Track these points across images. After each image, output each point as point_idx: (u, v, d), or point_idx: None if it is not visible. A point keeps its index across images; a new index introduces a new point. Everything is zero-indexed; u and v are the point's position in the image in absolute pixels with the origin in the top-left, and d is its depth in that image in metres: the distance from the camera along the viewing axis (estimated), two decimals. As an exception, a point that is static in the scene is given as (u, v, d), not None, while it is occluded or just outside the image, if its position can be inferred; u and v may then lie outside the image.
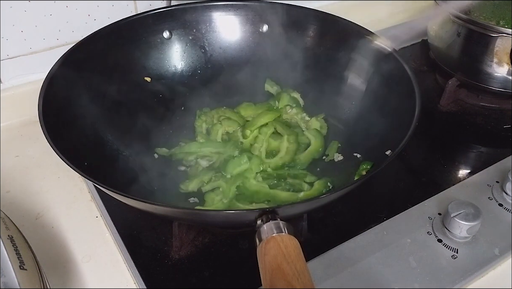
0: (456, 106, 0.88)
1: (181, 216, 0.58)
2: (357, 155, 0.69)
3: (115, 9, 0.85)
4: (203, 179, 0.68)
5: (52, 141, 0.54)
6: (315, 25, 0.79)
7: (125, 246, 0.61)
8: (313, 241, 0.62)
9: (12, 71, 0.82)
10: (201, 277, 0.58)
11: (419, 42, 1.02)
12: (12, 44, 0.80)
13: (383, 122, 0.67)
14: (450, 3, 0.84)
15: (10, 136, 0.79)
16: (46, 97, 0.60)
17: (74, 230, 0.64)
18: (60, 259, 0.61)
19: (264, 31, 0.82)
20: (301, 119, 0.77)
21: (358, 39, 0.74)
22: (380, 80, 0.71)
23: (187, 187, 0.67)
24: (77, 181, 0.71)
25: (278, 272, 0.42)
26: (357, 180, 0.54)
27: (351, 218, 0.66)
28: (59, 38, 0.83)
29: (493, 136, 0.83)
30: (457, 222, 0.60)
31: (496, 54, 0.79)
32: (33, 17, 0.79)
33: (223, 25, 0.81)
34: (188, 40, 0.80)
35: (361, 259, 0.59)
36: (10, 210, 0.56)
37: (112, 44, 0.74)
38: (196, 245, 0.62)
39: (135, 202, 0.53)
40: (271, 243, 0.44)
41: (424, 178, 0.74)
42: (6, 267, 0.42)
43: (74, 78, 0.67)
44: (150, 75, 0.78)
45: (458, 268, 0.59)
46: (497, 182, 0.70)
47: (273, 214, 0.47)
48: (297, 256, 0.43)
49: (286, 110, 0.77)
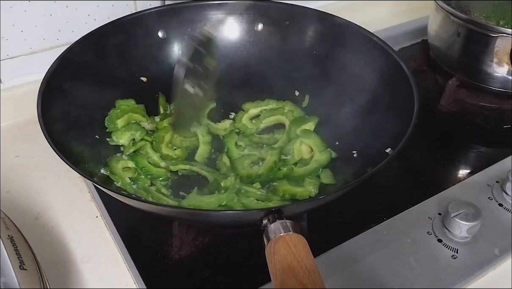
0: (456, 106, 0.88)
1: (184, 216, 0.58)
2: (354, 154, 0.69)
3: (115, 9, 0.85)
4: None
5: (52, 142, 0.54)
6: (314, 25, 0.79)
7: (125, 246, 0.61)
8: (313, 241, 0.61)
9: (12, 71, 0.82)
10: (201, 277, 0.58)
11: (419, 42, 1.02)
12: (12, 44, 0.80)
13: (382, 120, 0.67)
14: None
15: (10, 136, 0.79)
16: (45, 97, 0.60)
17: (74, 230, 0.64)
18: (60, 259, 0.61)
19: (259, 30, 0.82)
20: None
21: (357, 39, 0.74)
22: (378, 79, 0.71)
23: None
24: (77, 181, 0.71)
25: (288, 271, 0.42)
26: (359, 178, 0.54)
27: (351, 218, 0.67)
28: (59, 38, 0.83)
29: (493, 136, 0.83)
30: (457, 222, 0.60)
31: (496, 54, 0.79)
32: (33, 17, 0.79)
33: (218, 24, 0.81)
34: (184, 39, 0.80)
35: (361, 259, 0.59)
36: (10, 210, 0.56)
37: (108, 44, 0.74)
38: (196, 245, 0.62)
39: (135, 202, 0.53)
40: (280, 243, 0.45)
41: (424, 178, 0.74)
42: (6, 267, 0.42)
43: (72, 78, 0.67)
44: (146, 75, 0.78)
45: (458, 268, 0.59)
46: (497, 182, 0.70)
47: (279, 213, 0.47)
48: (306, 254, 0.44)
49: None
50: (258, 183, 0.67)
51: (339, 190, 0.55)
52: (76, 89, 0.68)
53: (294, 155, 0.72)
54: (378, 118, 0.68)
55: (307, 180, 0.67)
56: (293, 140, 0.73)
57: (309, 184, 0.66)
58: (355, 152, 0.70)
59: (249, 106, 0.80)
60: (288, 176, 0.68)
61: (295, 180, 0.68)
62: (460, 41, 0.83)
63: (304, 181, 0.67)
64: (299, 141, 0.73)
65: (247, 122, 0.78)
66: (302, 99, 0.80)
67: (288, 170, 0.69)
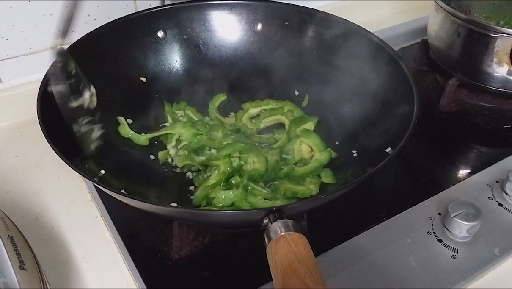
0: (456, 106, 0.88)
1: (185, 216, 0.58)
2: (354, 154, 0.69)
3: (115, 9, 0.85)
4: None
5: (52, 142, 0.54)
6: (314, 25, 0.79)
7: (125, 246, 0.61)
8: (313, 241, 0.61)
9: (12, 71, 0.82)
10: (201, 277, 0.58)
11: (419, 42, 1.02)
12: (12, 44, 0.80)
13: (382, 120, 0.67)
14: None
15: (10, 136, 0.79)
16: (44, 97, 0.60)
17: (74, 230, 0.64)
18: (60, 259, 0.61)
19: (258, 30, 0.82)
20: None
21: (357, 39, 0.74)
22: (378, 79, 0.71)
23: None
24: (77, 181, 0.71)
25: (290, 271, 0.42)
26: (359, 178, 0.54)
27: (351, 218, 0.67)
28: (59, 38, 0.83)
29: (493, 136, 0.83)
30: (457, 222, 0.60)
31: (496, 54, 0.79)
32: (33, 17, 0.79)
33: (217, 24, 0.82)
34: (183, 39, 0.80)
35: (361, 259, 0.59)
36: (10, 210, 0.56)
37: (107, 44, 0.74)
38: (196, 245, 0.62)
39: (135, 202, 0.53)
40: (281, 242, 0.45)
41: (424, 178, 0.74)
42: (6, 267, 0.42)
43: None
44: (146, 75, 0.78)
45: (458, 268, 0.59)
46: (497, 182, 0.70)
47: (280, 213, 0.47)
48: (308, 254, 0.44)
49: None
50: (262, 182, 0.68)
51: (339, 190, 0.55)
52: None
53: (294, 155, 0.72)
54: (378, 118, 0.68)
55: (307, 179, 0.67)
56: (293, 140, 0.73)
57: (310, 183, 0.66)
58: (355, 151, 0.70)
59: (249, 106, 0.80)
60: (289, 175, 0.68)
61: (296, 180, 0.68)
62: (460, 41, 0.83)
63: (305, 180, 0.67)
64: (299, 141, 0.73)
65: (247, 122, 0.78)
66: (302, 99, 0.80)
67: (289, 169, 0.69)
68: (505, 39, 0.77)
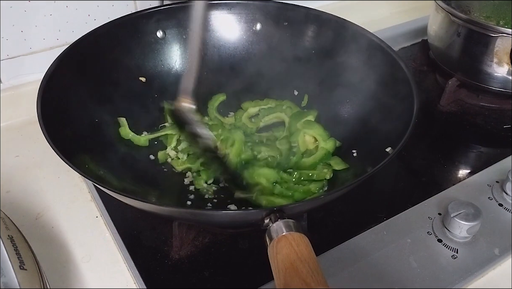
0: (456, 106, 0.88)
1: (185, 216, 0.58)
2: (354, 154, 0.69)
3: (115, 9, 0.85)
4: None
5: (52, 142, 0.54)
6: (313, 25, 0.79)
7: (125, 246, 0.61)
8: (313, 241, 0.61)
9: (12, 71, 0.82)
10: (201, 277, 0.58)
11: (419, 42, 1.02)
12: (12, 44, 0.80)
13: (382, 120, 0.67)
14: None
15: (10, 136, 0.79)
16: (44, 97, 0.60)
17: (74, 230, 0.64)
18: (60, 259, 0.61)
19: (257, 29, 0.82)
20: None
21: (357, 39, 0.74)
22: (378, 79, 0.71)
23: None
24: (77, 181, 0.71)
25: (291, 271, 0.42)
26: (359, 178, 0.54)
27: (351, 218, 0.66)
28: (59, 38, 0.83)
29: (493, 136, 0.83)
30: (457, 222, 0.60)
31: (496, 54, 0.79)
32: (33, 17, 0.79)
33: (216, 24, 0.81)
34: (182, 39, 0.80)
35: (361, 259, 0.59)
36: (10, 210, 0.56)
37: (106, 44, 0.74)
38: (196, 245, 0.62)
39: (135, 202, 0.53)
40: (282, 242, 0.45)
41: (424, 178, 0.74)
42: (6, 267, 0.42)
43: (71, 78, 0.67)
44: (145, 75, 0.78)
45: (458, 268, 0.59)
46: (497, 182, 0.70)
47: (281, 213, 0.47)
48: (309, 254, 0.44)
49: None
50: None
51: (339, 190, 0.55)
52: (75, 89, 0.67)
53: (299, 147, 0.72)
54: (378, 118, 0.68)
55: (319, 166, 0.68)
56: (296, 132, 0.73)
57: (323, 168, 0.67)
58: (355, 151, 0.70)
59: (248, 105, 0.80)
60: (298, 166, 0.69)
61: (306, 170, 0.68)
62: (460, 41, 0.83)
63: (316, 168, 0.68)
64: (303, 133, 0.73)
65: (247, 121, 0.78)
66: (301, 99, 0.80)
67: (297, 158, 0.70)
68: (505, 39, 0.77)
